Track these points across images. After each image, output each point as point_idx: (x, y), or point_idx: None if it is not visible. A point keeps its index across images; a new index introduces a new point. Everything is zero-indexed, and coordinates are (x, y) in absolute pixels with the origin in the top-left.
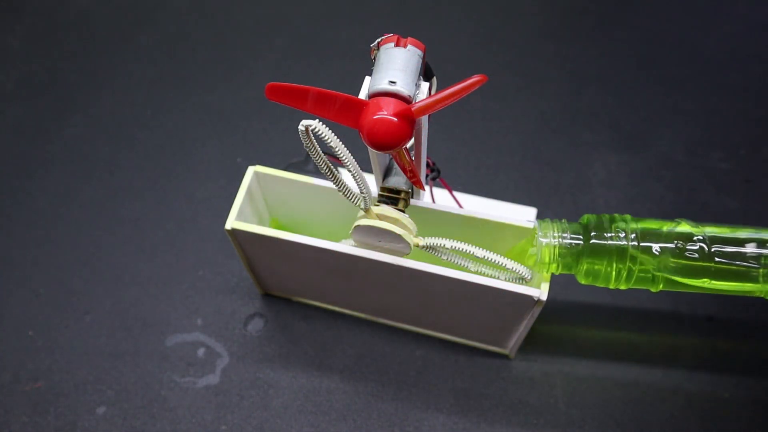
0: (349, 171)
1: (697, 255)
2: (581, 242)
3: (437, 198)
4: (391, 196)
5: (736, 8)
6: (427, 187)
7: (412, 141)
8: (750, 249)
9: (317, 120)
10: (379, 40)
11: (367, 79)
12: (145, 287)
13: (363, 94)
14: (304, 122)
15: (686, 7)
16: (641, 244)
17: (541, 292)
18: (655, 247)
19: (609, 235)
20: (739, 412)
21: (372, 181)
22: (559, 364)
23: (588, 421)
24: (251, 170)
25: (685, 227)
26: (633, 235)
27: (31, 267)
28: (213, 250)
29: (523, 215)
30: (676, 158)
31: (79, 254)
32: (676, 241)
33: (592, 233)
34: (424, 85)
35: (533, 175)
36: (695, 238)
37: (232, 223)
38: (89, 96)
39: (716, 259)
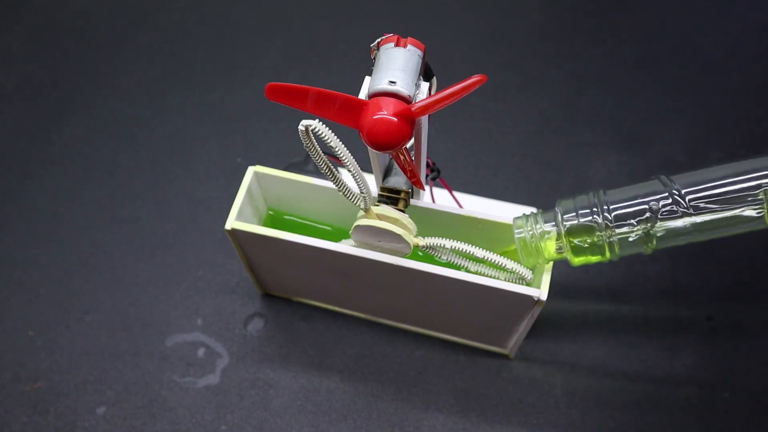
0: (349, 171)
1: (672, 207)
2: (556, 228)
3: (437, 198)
4: (391, 196)
5: (736, 8)
6: (427, 187)
7: (412, 141)
8: (732, 186)
9: (317, 120)
10: (379, 40)
11: (367, 79)
12: (145, 287)
13: (363, 94)
14: (304, 122)
15: (686, 7)
16: (614, 213)
17: (541, 292)
18: (630, 210)
19: (582, 212)
20: (738, 412)
21: (372, 181)
22: (559, 364)
23: (588, 421)
24: (251, 170)
25: (656, 184)
26: (605, 207)
27: (31, 267)
28: (213, 250)
29: None
30: (676, 158)
31: (79, 254)
32: (650, 200)
33: (565, 215)
34: (424, 85)
35: (533, 175)
36: (669, 191)
37: (232, 223)
38: (89, 96)
39: (693, 205)
